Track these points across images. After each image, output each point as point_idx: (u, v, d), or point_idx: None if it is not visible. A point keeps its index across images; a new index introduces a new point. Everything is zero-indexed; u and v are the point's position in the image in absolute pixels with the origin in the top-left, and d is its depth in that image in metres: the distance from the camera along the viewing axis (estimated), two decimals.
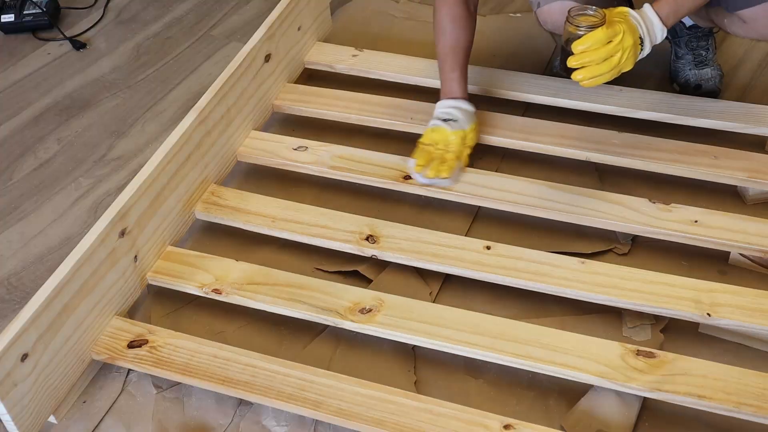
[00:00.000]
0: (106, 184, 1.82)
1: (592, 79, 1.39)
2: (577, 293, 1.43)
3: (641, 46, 1.42)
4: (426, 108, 1.79)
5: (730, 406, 1.25)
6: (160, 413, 1.38)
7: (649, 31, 1.42)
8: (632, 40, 1.39)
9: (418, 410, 1.28)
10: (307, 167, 1.70)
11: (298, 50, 1.92)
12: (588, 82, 1.39)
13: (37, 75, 2.15)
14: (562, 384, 1.37)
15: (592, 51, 1.37)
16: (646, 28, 1.42)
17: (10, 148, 1.94)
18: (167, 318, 1.52)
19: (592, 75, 1.38)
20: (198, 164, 1.59)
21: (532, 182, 1.62)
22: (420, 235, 1.54)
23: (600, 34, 1.37)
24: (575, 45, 1.38)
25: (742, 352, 1.41)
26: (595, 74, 1.38)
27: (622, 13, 1.42)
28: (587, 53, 1.37)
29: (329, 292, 1.45)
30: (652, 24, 1.43)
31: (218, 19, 2.32)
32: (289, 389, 1.31)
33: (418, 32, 2.17)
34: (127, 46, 2.24)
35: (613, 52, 1.37)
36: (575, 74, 1.39)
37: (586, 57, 1.37)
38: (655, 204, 1.56)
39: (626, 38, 1.38)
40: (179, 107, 2.01)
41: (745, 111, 1.72)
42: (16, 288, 1.61)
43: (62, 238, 1.70)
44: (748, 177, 1.61)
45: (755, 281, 1.50)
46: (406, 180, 1.64)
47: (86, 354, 1.38)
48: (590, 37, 1.37)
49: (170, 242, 1.55)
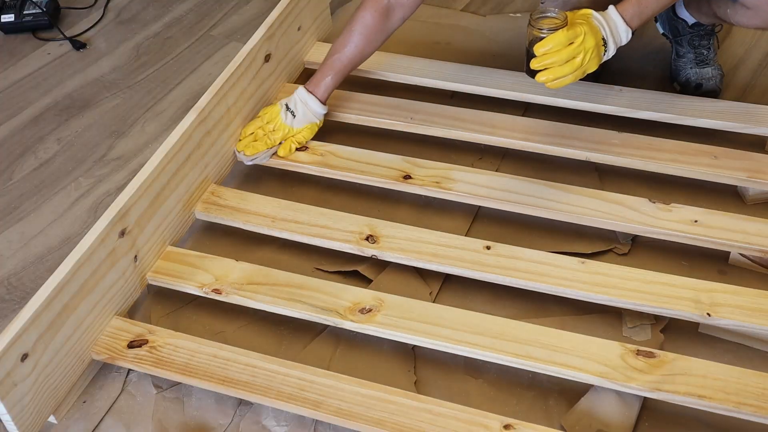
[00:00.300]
0: (106, 184, 1.82)
1: (556, 81, 1.41)
2: (577, 293, 1.43)
3: (605, 47, 1.44)
4: (426, 108, 1.80)
5: (730, 406, 1.25)
6: (160, 413, 1.38)
7: (612, 33, 1.44)
8: (594, 41, 1.41)
9: (418, 410, 1.28)
10: (307, 167, 1.70)
11: (298, 50, 1.92)
12: (552, 84, 1.42)
13: (37, 75, 2.15)
14: (562, 384, 1.37)
15: (554, 53, 1.39)
16: (609, 30, 1.44)
17: (10, 148, 1.94)
18: (167, 318, 1.52)
19: (555, 76, 1.41)
20: (198, 164, 1.59)
21: (532, 182, 1.62)
22: (420, 235, 1.54)
23: (560, 36, 1.39)
24: (537, 47, 1.41)
25: (742, 352, 1.41)
26: (559, 75, 1.41)
27: (585, 15, 1.44)
28: (549, 55, 1.40)
29: (329, 292, 1.45)
30: (616, 25, 1.44)
31: (218, 19, 2.32)
32: (289, 389, 1.31)
33: (418, 32, 2.17)
34: (127, 46, 2.24)
35: (574, 53, 1.40)
36: (539, 76, 1.42)
37: (547, 59, 1.40)
38: (655, 204, 1.56)
39: (587, 39, 1.40)
40: (179, 107, 2.01)
41: (745, 111, 1.72)
42: (16, 288, 1.61)
43: (62, 238, 1.70)
44: (748, 177, 1.61)
45: (755, 281, 1.50)
46: (406, 180, 1.64)
47: (86, 354, 1.38)
48: (551, 39, 1.39)
49: (170, 242, 1.55)
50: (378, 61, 1.92)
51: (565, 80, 1.42)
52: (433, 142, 1.80)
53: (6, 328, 1.23)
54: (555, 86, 1.42)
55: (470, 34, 2.15)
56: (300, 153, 1.71)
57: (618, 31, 1.45)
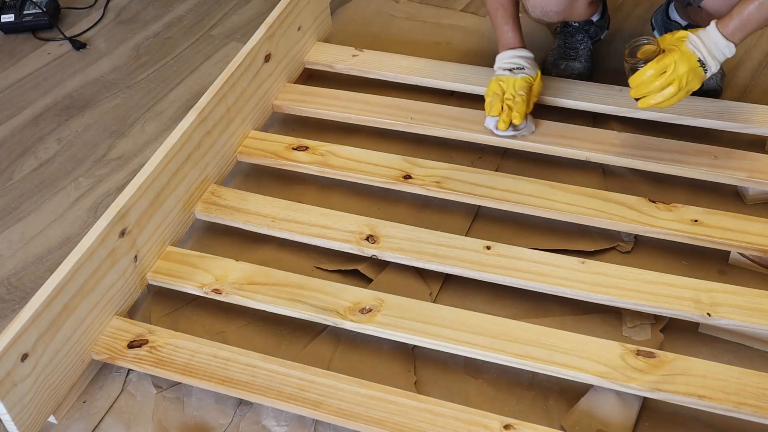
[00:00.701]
0: (106, 184, 1.82)
1: (659, 104, 1.48)
2: (577, 293, 1.43)
3: (703, 67, 1.46)
4: (426, 108, 1.79)
5: (730, 406, 1.25)
6: (160, 413, 1.38)
7: (711, 52, 1.46)
8: (687, 67, 1.45)
9: (418, 410, 1.28)
10: (307, 167, 1.70)
11: (298, 50, 1.92)
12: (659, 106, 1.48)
13: (37, 75, 2.15)
14: (562, 384, 1.37)
15: (647, 84, 1.46)
16: (706, 50, 1.46)
17: (10, 148, 1.94)
18: (167, 318, 1.52)
19: (656, 102, 1.47)
20: (198, 164, 1.59)
21: (532, 182, 1.62)
22: (420, 235, 1.54)
23: (649, 69, 1.45)
24: (630, 81, 1.49)
25: (742, 352, 1.41)
26: (659, 101, 1.47)
27: (680, 39, 1.47)
28: (642, 87, 1.47)
29: (329, 292, 1.45)
30: (716, 43, 1.47)
31: (218, 19, 2.32)
32: (289, 389, 1.31)
33: (418, 32, 2.17)
34: (127, 46, 2.24)
35: (667, 82, 1.45)
36: (638, 103, 1.49)
37: (641, 91, 1.47)
38: (655, 204, 1.56)
39: (679, 67, 1.45)
40: (179, 107, 2.01)
41: (745, 111, 1.72)
42: (16, 288, 1.61)
43: (62, 238, 1.70)
44: (748, 177, 1.61)
45: (755, 281, 1.50)
46: (405, 180, 1.64)
47: (86, 354, 1.38)
48: (641, 74, 1.46)
49: (170, 242, 1.55)
50: (378, 61, 1.92)
51: (666, 103, 1.47)
52: (432, 142, 1.80)
53: (6, 328, 1.23)
54: (660, 107, 1.49)
55: (470, 34, 2.15)
56: (300, 153, 1.71)
57: (719, 48, 1.46)
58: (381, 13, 2.25)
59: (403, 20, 2.22)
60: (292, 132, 1.86)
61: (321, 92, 1.87)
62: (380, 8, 2.27)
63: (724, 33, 1.46)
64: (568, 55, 1.90)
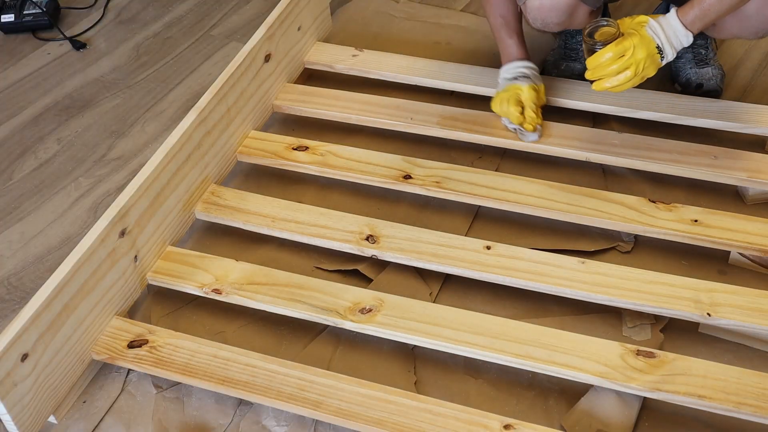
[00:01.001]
0: (106, 184, 1.82)
1: (614, 88, 1.47)
2: (577, 293, 1.43)
3: (661, 54, 1.45)
4: (426, 108, 1.79)
5: (730, 406, 1.25)
6: (160, 413, 1.38)
7: (670, 39, 1.45)
8: (645, 53, 1.44)
9: (418, 410, 1.28)
10: (307, 167, 1.70)
11: (298, 50, 1.92)
12: (613, 90, 1.47)
13: (37, 75, 2.15)
14: (562, 384, 1.37)
15: (605, 66, 1.45)
16: (665, 36, 1.45)
17: (10, 148, 1.94)
18: (167, 318, 1.52)
19: (612, 85, 1.46)
20: (198, 164, 1.59)
21: (532, 182, 1.62)
22: (420, 235, 1.54)
23: (608, 51, 1.44)
24: (588, 62, 1.47)
25: (742, 352, 1.41)
26: (614, 84, 1.46)
27: (640, 23, 1.46)
28: (599, 69, 1.46)
29: (329, 292, 1.45)
30: (675, 31, 1.45)
31: (218, 19, 2.32)
32: (289, 389, 1.31)
33: (418, 32, 2.17)
34: (127, 46, 2.24)
35: (624, 66, 1.44)
36: (593, 85, 1.48)
37: (598, 73, 1.46)
38: (655, 204, 1.56)
39: (637, 52, 1.44)
40: (179, 107, 2.01)
41: (745, 111, 1.72)
42: (16, 288, 1.61)
43: (62, 238, 1.70)
44: (748, 177, 1.61)
45: (755, 281, 1.50)
46: (405, 180, 1.64)
47: (86, 354, 1.38)
48: (599, 56, 1.45)
49: (170, 242, 1.55)
50: (378, 61, 1.92)
51: (621, 87, 1.46)
52: (432, 142, 1.80)
53: (6, 328, 1.23)
54: (616, 91, 1.48)
55: (470, 34, 2.15)
56: (300, 153, 1.71)
57: (678, 36, 1.46)
58: (381, 13, 2.25)
59: (403, 20, 2.22)
60: (292, 132, 1.86)
61: (321, 92, 1.87)
62: (380, 8, 2.27)
63: (683, 21, 1.45)
64: (569, 56, 1.90)
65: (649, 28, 1.45)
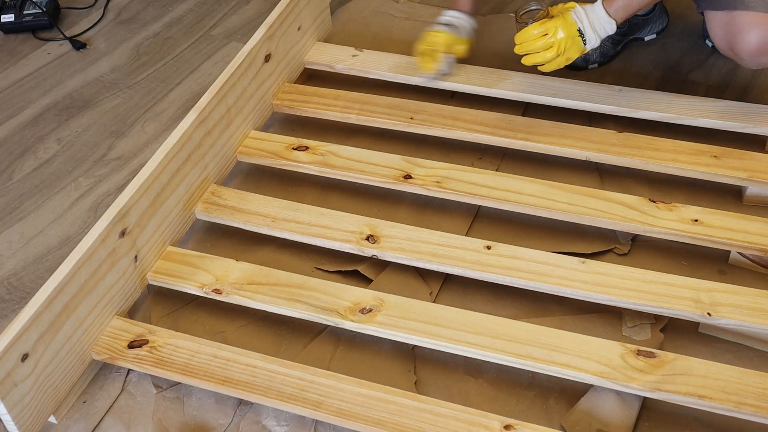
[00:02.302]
0: (106, 184, 1.82)
1: (542, 67, 1.61)
2: (577, 293, 1.43)
3: (582, 38, 1.57)
4: (426, 108, 1.80)
5: (730, 406, 1.25)
6: (160, 413, 1.38)
7: (592, 24, 1.57)
8: (566, 34, 1.57)
9: (418, 410, 1.28)
10: (307, 167, 1.70)
11: (298, 50, 1.92)
12: (541, 67, 1.62)
13: (37, 75, 2.15)
14: (562, 384, 1.37)
15: (529, 43, 1.59)
16: (588, 21, 1.57)
17: (10, 148, 1.94)
18: (167, 318, 1.52)
19: (536, 62, 1.61)
20: (198, 164, 1.59)
21: (532, 182, 1.62)
22: (420, 235, 1.54)
23: (533, 29, 1.59)
24: (516, 37, 1.62)
25: (742, 352, 1.41)
26: (539, 62, 1.61)
27: (567, 8, 1.60)
28: (524, 45, 1.60)
29: (329, 292, 1.45)
30: (598, 18, 1.57)
31: (218, 19, 2.32)
32: (289, 389, 1.31)
33: (418, 32, 2.15)
34: (127, 46, 2.24)
35: (548, 45, 1.58)
36: (522, 60, 1.62)
37: (524, 49, 1.61)
38: (655, 204, 1.56)
39: (558, 32, 1.57)
40: (179, 107, 2.01)
41: (745, 111, 1.72)
42: (16, 288, 1.61)
43: (62, 238, 1.70)
44: (748, 177, 1.61)
45: (755, 281, 1.50)
46: (406, 180, 1.64)
47: (86, 354, 1.38)
48: (524, 33, 1.60)
49: (170, 242, 1.55)
50: (378, 61, 1.92)
51: (547, 67, 1.61)
52: (433, 142, 1.80)
53: (6, 328, 1.23)
54: (545, 69, 1.62)
55: None
56: (300, 153, 1.71)
57: (601, 22, 1.57)
58: (381, 13, 2.25)
59: (403, 20, 2.22)
60: (292, 132, 1.86)
61: (321, 92, 1.87)
62: (380, 8, 2.27)
63: (608, 10, 1.56)
64: None
65: (573, 12, 1.58)
